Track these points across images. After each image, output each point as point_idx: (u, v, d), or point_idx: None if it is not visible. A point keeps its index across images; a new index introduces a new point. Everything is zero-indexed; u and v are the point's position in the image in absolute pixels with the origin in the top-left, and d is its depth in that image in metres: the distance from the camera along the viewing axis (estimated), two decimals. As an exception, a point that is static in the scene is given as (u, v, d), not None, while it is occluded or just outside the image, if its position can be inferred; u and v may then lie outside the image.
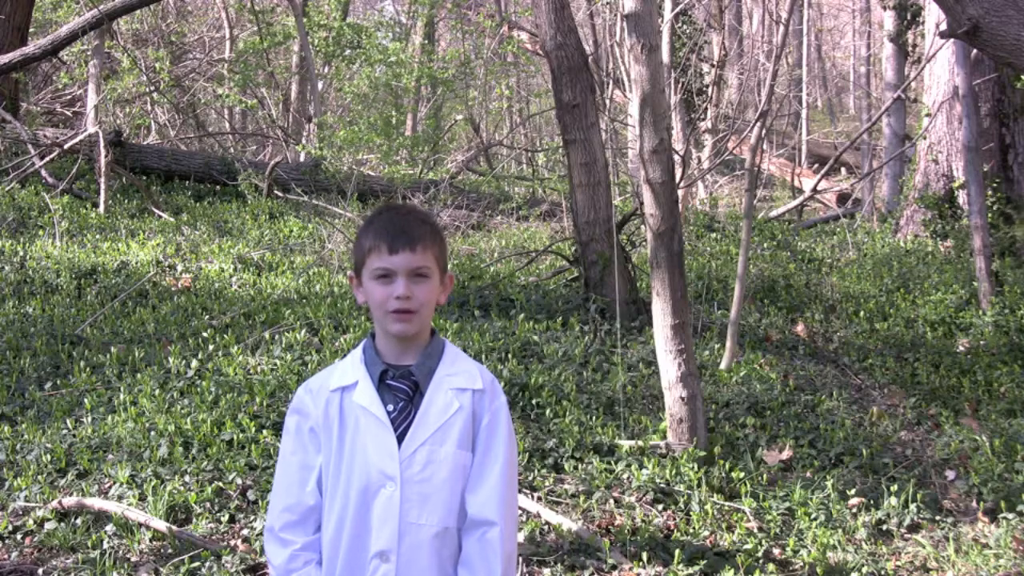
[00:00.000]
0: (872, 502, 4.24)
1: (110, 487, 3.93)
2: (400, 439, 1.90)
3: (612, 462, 4.32)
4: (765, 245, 8.15)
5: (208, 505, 3.80)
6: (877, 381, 5.63)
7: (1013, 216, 9.04)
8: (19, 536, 3.67)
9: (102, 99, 11.04)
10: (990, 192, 8.71)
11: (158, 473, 3.98)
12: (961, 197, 9.16)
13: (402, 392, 1.94)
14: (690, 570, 3.58)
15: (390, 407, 1.92)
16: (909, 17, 12.90)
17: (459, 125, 15.48)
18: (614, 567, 3.58)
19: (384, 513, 1.88)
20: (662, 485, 4.15)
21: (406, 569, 1.88)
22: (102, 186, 8.80)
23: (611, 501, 4.05)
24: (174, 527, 3.62)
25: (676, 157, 6.66)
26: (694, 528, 3.90)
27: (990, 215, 8.28)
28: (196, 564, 3.42)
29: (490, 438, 1.96)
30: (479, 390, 1.97)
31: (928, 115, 9.67)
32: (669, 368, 4.42)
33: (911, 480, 4.40)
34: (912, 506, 4.18)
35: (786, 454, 4.59)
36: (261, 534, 3.57)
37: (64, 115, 12.73)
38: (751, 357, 5.57)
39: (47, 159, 9.48)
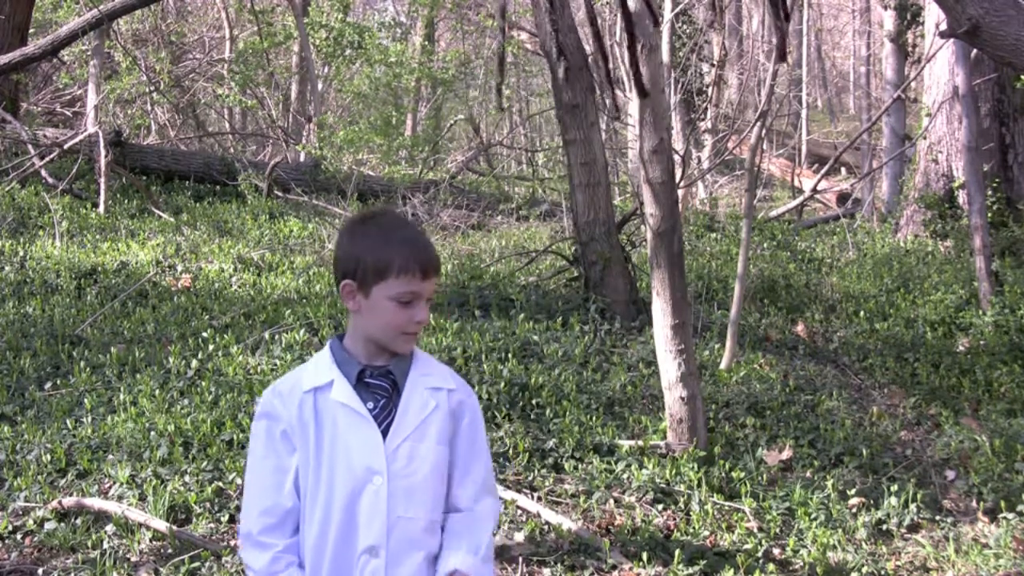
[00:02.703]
0: (872, 502, 4.24)
1: (110, 487, 3.94)
2: (383, 435, 1.91)
3: (612, 462, 4.32)
4: (765, 245, 8.14)
5: (208, 505, 3.80)
6: (877, 381, 5.62)
7: (1022, 211, 9.03)
8: (19, 536, 3.67)
9: (102, 99, 11.04)
10: (990, 192, 8.71)
11: (158, 473, 3.98)
12: (961, 197, 9.15)
13: (382, 389, 1.94)
14: (690, 570, 3.58)
15: (370, 404, 1.92)
16: (909, 17, 12.90)
17: (459, 125, 15.48)
18: (614, 567, 3.58)
19: (372, 508, 1.88)
20: (662, 485, 4.15)
21: (395, 563, 1.88)
22: (102, 186, 8.79)
23: (611, 501, 4.05)
24: (174, 527, 3.62)
25: (676, 157, 6.66)
26: (694, 528, 3.90)
27: (990, 215, 8.28)
28: (196, 564, 3.43)
29: (474, 434, 2.01)
30: (452, 389, 2.00)
31: (928, 115, 9.66)
32: (669, 368, 4.42)
33: (911, 480, 4.40)
34: (912, 506, 4.18)
35: (786, 454, 4.59)
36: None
37: (64, 115, 12.72)
38: (751, 357, 5.57)
39: (47, 159, 9.48)
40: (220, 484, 3.91)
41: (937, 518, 4.19)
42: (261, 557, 1.90)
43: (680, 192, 6.39)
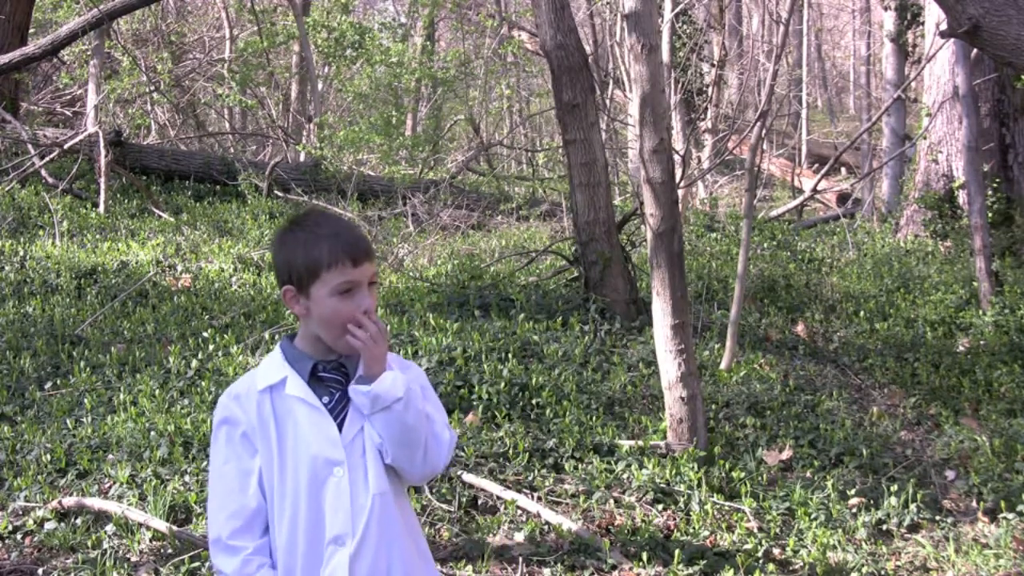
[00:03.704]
0: (872, 502, 4.24)
1: (110, 487, 3.94)
2: (339, 427, 1.93)
3: (612, 462, 4.32)
4: (765, 245, 8.14)
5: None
6: (877, 381, 5.63)
7: None
8: (19, 536, 3.67)
9: (102, 99, 11.03)
10: (990, 192, 8.71)
11: (158, 473, 3.99)
12: (961, 197, 9.15)
13: (336, 383, 1.96)
14: (690, 570, 3.58)
15: (325, 399, 1.94)
16: (909, 17, 12.90)
17: (459, 125, 15.48)
18: (614, 567, 3.58)
19: (335, 499, 1.89)
20: (662, 485, 4.15)
21: (360, 548, 1.89)
22: (102, 186, 8.79)
23: (611, 501, 4.05)
24: (174, 527, 3.63)
25: (676, 157, 6.66)
26: (694, 528, 3.91)
27: (990, 215, 8.28)
28: (196, 564, 3.43)
29: (424, 391, 2.00)
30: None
31: (928, 115, 9.66)
32: (669, 368, 4.42)
33: (911, 480, 4.40)
34: (912, 506, 4.18)
35: (786, 454, 4.59)
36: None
37: (64, 115, 12.72)
38: (751, 357, 5.57)
39: (47, 159, 9.48)
40: (220, 484, 3.91)
41: (937, 518, 4.19)
42: (232, 561, 1.90)
43: (680, 192, 6.39)
